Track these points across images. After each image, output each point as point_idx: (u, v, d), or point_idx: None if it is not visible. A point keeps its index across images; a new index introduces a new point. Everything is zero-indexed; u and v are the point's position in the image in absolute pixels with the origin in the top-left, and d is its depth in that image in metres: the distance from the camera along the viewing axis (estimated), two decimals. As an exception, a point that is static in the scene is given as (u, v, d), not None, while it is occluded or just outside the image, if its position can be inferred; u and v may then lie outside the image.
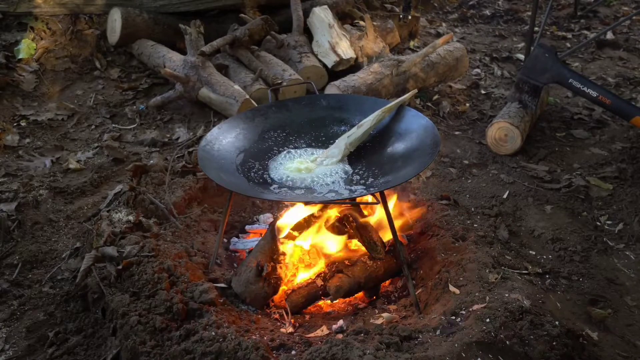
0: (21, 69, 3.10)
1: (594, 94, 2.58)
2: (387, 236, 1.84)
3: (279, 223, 1.80)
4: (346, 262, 1.80)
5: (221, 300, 1.66)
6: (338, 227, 1.81)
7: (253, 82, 2.91)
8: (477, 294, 1.61)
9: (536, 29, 3.52)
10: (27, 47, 3.17)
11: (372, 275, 1.79)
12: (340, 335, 1.55)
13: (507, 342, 1.44)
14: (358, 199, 1.71)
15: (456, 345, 1.41)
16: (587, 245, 2.10)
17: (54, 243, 2.03)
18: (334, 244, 1.82)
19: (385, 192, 1.59)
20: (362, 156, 1.78)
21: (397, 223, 1.91)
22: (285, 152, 1.82)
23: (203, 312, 1.56)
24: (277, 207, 2.25)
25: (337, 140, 1.79)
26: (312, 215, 1.82)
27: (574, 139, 2.83)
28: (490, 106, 3.17)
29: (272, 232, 1.78)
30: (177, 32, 3.08)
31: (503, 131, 2.62)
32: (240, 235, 2.12)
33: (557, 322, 1.52)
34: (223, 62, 3.14)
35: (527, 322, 1.49)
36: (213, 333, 1.46)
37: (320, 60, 3.21)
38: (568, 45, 4.07)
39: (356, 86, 2.82)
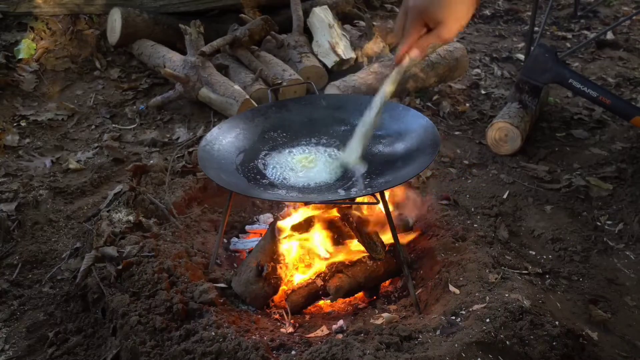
0: (21, 69, 3.10)
1: (594, 94, 2.58)
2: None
3: (279, 223, 1.80)
4: (346, 262, 1.80)
5: (221, 300, 1.66)
6: (334, 235, 1.82)
7: (253, 82, 2.91)
8: (477, 294, 1.61)
9: (536, 29, 3.51)
10: (27, 47, 3.17)
11: (372, 275, 1.79)
12: (340, 335, 1.55)
13: (507, 342, 1.44)
14: (358, 199, 1.71)
15: (456, 345, 1.41)
16: (587, 245, 2.10)
17: (54, 243, 2.03)
18: (331, 250, 1.82)
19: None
20: (361, 156, 1.78)
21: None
22: (285, 152, 1.82)
23: (203, 312, 1.56)
24: (277, 207, 2.25)
25: (353, 136, 1.70)
26: (312, 217, 1.82)
27: (574, 139, 2.83)
28: (490, 106, 3.16)
29: (272, 232, 1.78)
30: (177, 32, 3.08)
31: (503, 131, 2.62)
32: (240, 235, 2.12)
33: (557, 322, 1.52)
34: (223, 62, 3.14)
35: (527, 322, 1.49)
36: (213, 333, 1.46)
37: (320, 60, 3.21)
38: (568, 45, 4.07)
39: (356, 86, 2.82)
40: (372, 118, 1.60)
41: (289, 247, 1.81)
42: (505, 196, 2.36)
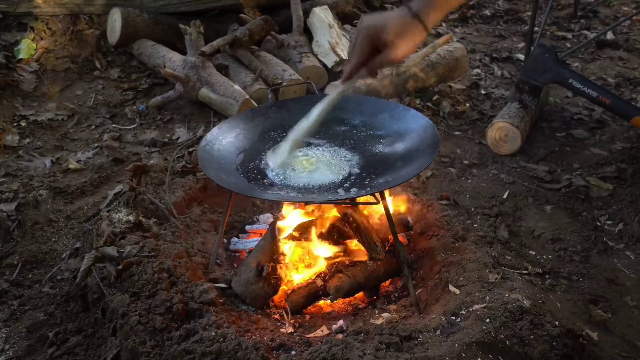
0: (21, 69, 3.10)
1: (594, 94, 2.58)
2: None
3: (279, 223, 1.80)
4: (346, 262, 1.80)
5: (221, 300, 1.66)
6: (333, 236, 1.81)
7: (253, 82, 2.91)
8: (477, 294, 1.61)
9: (536, 29, 3.51)
10: (27, 47, 3.17)
11: (372, 275, 1.79)
12: (340, 335, 1.55)
13: (507, 342, 1.44)
14: (358, 199, 1.71)
15: (456, 345, 1.41)
16: (587, 245, 2.10)
17: (54, 243, 2.03)
18: (330, 251, 1.82)
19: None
20: (361, 156, 1.78)
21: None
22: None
23: (203, 312, 1.56)
24: (277, 207, 2.25)
25: (287, 138, 1.67)
26: (311, 217, 1.82)
27: (574, 139, 2.83)
28: (490, 106, 3.17)
29: (272, 232, 1.78)
30: (177, 32, 3.08)
31: (503, 131, 2.62)
32: (240, 235, 2.12)
33: (557, 322, 1.52)
34: (223, 62, 3.14)
35: (527, 322, 1.49)
36: (213, 333, 1.46)
37: (320, 60, 3.21)
38: (568, 45, 4.07)
39: (356, 86, 2.82)
40: (304, 127, 1.59)
41: (289, 247, 1.81)
42: (505, 196, 2.36)
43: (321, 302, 1.82)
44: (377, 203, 1.60)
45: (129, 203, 2.00)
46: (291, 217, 1.88)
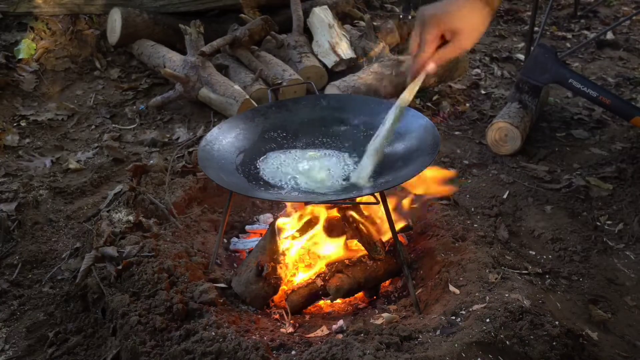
0: (21, 69, 3.11)
1: (594, 94, 2.58)
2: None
3: (279, 223, 1.80)
4: (346, 262, 1.80)
5: (221, 300, 1.66)
6: (335, 229, 1.81)
7: (253, 82, 2.91)
8: (477, 294, 1.61)
9: (536, 29, 3.51)
10: (27, 47, 3.18)
11: (372, 275, 1.79)
12: (340, 335, 1.55)
13: (507, 342, 1.44)
14: (358, 199, 1.71)
15: (456, 345, 1.41)
16: (587, 245, 2.10)
17: (54, 243, 2.03)
18: (332, 246, 1.82)
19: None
20: (361, 156, 1.78)
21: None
22: (285, 152, 1.82)
23: (203, 312, 1.56)
24: (277, 207, 2.25)
25: (366, 151, 1.66)
26: (312, 217, 1.82)
27: (574, 139, 2.83)
28: (490, 106, 3.17)
29: (272, 232, 1.78)
30: (177, 32, 3.08)
31: (503, 131, 2.62)
32: (240, 235, 2.12)
33: (557, 322, 1.52)
34: (223, 62, 3.14)
35: (527, 322, 1.49)
36: (213, 333, 1.46)
37: (320, 60, 3.21)
38: (568, 45, 4.07)
39: (356, 86, 2.82)
40: (383, 135, 1.59)
41: (289, 247, 1.81)
42: (505, 196, 2.36)
43: (321, 302, 1.82)
44: (377, 203, 1.60)
45: (129, 203, 2.00)
46: (291, 217, 1.88)
